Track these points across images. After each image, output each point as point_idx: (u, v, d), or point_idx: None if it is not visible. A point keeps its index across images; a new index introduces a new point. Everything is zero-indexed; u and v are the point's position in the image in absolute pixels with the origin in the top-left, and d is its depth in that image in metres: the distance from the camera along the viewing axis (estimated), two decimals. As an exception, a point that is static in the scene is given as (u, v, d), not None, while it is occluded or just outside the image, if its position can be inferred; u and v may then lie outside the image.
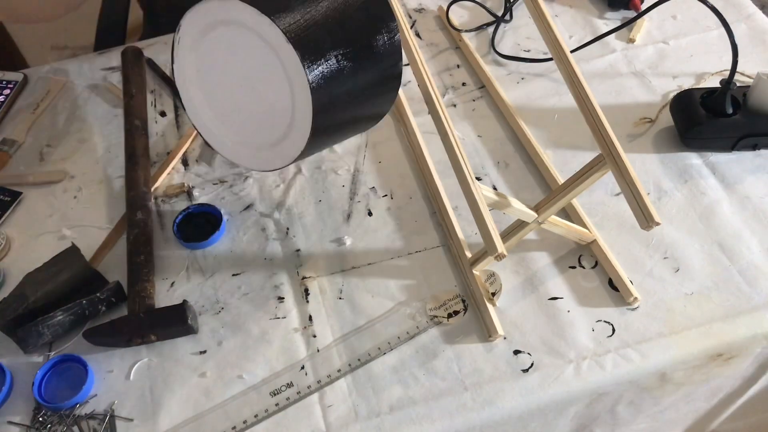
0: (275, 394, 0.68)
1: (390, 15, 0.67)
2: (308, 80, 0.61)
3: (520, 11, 1.01)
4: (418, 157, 0.84)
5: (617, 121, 0.85)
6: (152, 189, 0.83)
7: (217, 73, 0.69)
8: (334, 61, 0.62)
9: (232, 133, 0.72)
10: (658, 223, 0.59)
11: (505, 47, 0.97)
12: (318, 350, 0.70)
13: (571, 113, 0.88)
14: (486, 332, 0.70)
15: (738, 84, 0.81)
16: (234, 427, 0.66)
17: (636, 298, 0.71)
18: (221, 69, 0.69)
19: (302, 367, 0.69)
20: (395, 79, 0.69)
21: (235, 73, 0.68)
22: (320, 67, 0.61)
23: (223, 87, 0.70)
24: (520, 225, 0.71)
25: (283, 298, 0.74)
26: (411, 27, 1.01)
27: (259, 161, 0.71)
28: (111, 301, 0.73)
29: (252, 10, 0.61)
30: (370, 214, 0.80)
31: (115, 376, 0.70)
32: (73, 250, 0.74)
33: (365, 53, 0.65)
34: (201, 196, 0.83)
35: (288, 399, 0.67)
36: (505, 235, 0.72)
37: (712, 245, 0.75)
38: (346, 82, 0.64)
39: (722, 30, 0.75)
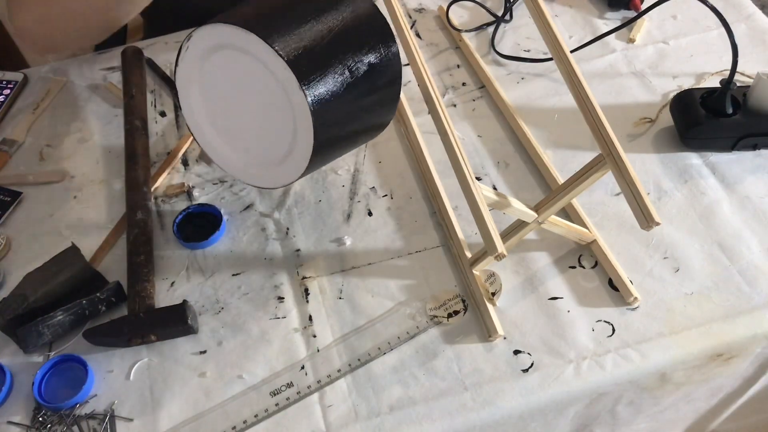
0: (275, 394, 0.68)
1: (388, 30, 0.68)
2: (308, 102, 0.61)
3: (520, 11, 1.01)
4: (418, 157, 0.84)
5: (617, 121, 0.85)
6: (152, 189, 0.83)
7: (219, 94, 0.70)
8: (333, 81, 0.63)
9: (236, 152, 0.73)
10: (658, 223, 0.59)
11: (505, 47, 0.97)
12: (318, 350, 0.70)
13: (571, 113, 0.88)
14: (486, 332, 0.70)
15: (738, 84, 0.81)
16: (234, 427, 0.66)
17: (636, 298, 0.71)
18: (223, 90, 0.69)
19: (302, 367, 0.69)
20: (395, 92, 0.70)
21: (236, 94, 0.68)
22: (319, 88, 0.62)
23: (226, 107, 0.70)
24: (520, 225, 0.71)
25: (283, 298, 0.74)
26: (411, 27, 1.01)
27: (262, 179, 0.72)
28: (111, 301, 0.73)
29: (249, 35, 0.61)
30: (370, 214, 0.80)
31: (115, 376, 0.70)
32: (73, 250, 0.74)
33: (364, 70, 0.66)
34: (201, 196, 0.83)
35: (288, 399, 0.67)
36: (505, 235, 0.72)
37: (712, 245, 0.75)
38: (345, 101, 0.65)
39: (722, 30, 0.75)
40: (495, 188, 0.82)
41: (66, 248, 0.75)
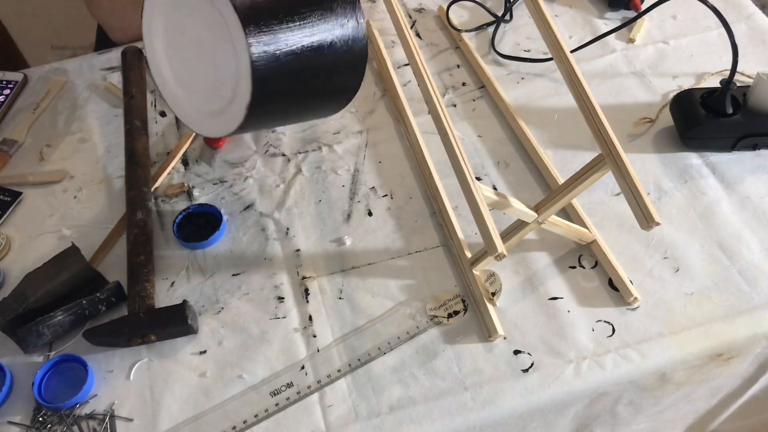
0: (275, 394, 0.68)
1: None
2: (248, 46, 0.60)
3: (520, 11, 1.01)
4: (418, 157, 0.84)
5: (617, 121, 0.85)
6: (152, 189, 0.83)
7: (178, 37, 0.69)
8: (281, 28, 0.61)
9: (188, 95, 0.72)
10: (658, 223, 0.59)
11: (505, 47, 0.97)
12: (318, 350, 0.70)
13: (571, 113, 0.88)
14: (486, 332, 0.70)
15: (738, 84, 0.81)
16: (234, 427, 0.66)
17: (636, 298, 0.71)
18: (183, 31, 0.69)
19: (302, 367, 0.69)
20: (358, 51, 0.68)
21: (192, 39, 0.68)
22: (264, 34, 0.61)
23: (183, 51, 0.70)
24: (520, 225, 0.71)
25: (283, 298, 0.74)
26: (411, 27, 1.01)
27: (204, 126, 0.71)
28: (111, 301, 0.73)
29: None
30: (370, 214, 0.80)
31: (115, 376, 0.70)
32: (73, 250, 0.74)
33: (318, 19, 0.64)
34: (201, 196, 0.83)
35: (288, 399, 0.67)
36: (505, 235, 0.72)
37: (712, 245, 0.75)
38: (295, 53, 0.63)
39: (722, 30, 0.75)
40: (495, 188, 0.82)
41: (66, 248, 0.75)
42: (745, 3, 0.99)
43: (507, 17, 1.00)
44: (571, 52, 0.75)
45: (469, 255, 0.74)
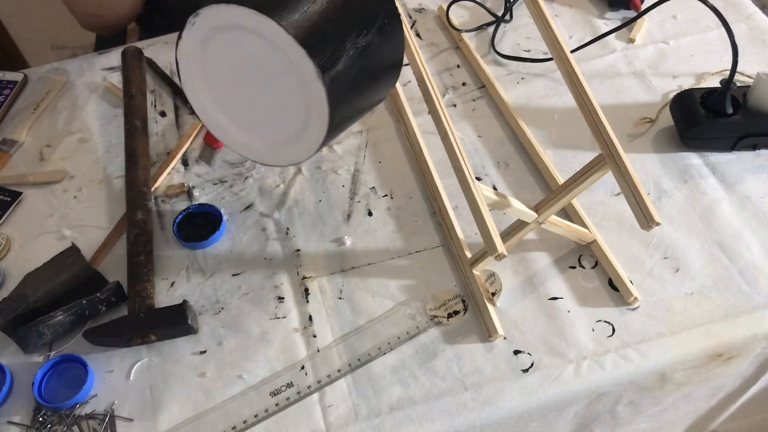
0: (275, 394, 0.68)
1: (393, 5, 0.67)
2: (320, 77, 0.60)
3: (520, 11, 1.01)
4: (418, 157, 0.84)
5: (617, 121, 0.85)
6: (152, 189, 0.83)
7: (225, 77, 0.69)
8: (342, 52, 0.62)
9: (247, 133, 0.72)
10: (658, 224, 0.59)
11: (505, 47, 0.97)
12: (318, 350, 0.70)
13: (571, 113, 0.88)
14: (486, 332, 0.70)
15: (738, 84, 0.81)
16: (234, 427, 0.66)
17: (636, 298, 0.71)
18: (229, 72, 0.68)
19: (302, 367, 0.69)
20: (398, 62, 0.69)
21: (244, 75, 0.67)
22: (330, 61, 0.61)
23: (234, 89, 0.69)
24: (520, 225, 0.71)
25: (283, 298, 0.74)
26: (411, 27, 1.01)
27: (282, 157, 0.71)
28: (111, 301, 0.73)
29: (253, 13, 0.60)
30: (370, 214, 0.80)
31: (115, 376, 0.70)
32: (73, 250, 0.74)
33: (369, 40, 0.65)
34: (201, 196, 0.83)
35: (288, 399, 0.67)
36: (505, 235, 0.72)
37: (712, 245, 0.75)
38: (355, 72, 0.64)
39: (722, 30, 0.75)
40: (495, 188, 0.82)
41: (66, 248, 0.75)
42: (745, 3, 0.99)
43: (507, 17, 1.00)
44: (571, 52, 0.75)
45: (469, 255, 0.74)
